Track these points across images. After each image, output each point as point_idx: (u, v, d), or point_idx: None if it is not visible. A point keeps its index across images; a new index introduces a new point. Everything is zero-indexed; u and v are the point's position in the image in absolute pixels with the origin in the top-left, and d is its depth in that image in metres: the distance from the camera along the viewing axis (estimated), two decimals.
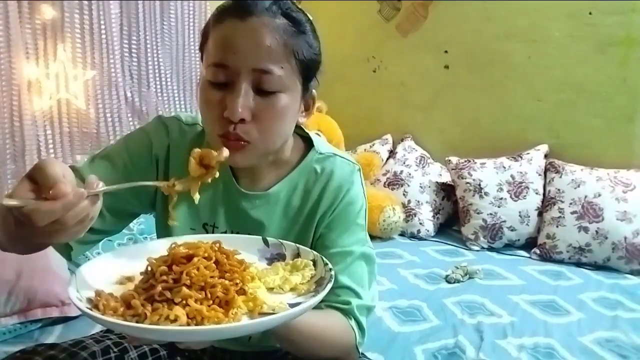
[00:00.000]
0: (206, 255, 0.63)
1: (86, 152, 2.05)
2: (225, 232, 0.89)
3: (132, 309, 0.57)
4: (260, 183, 0.87)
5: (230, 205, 0.88)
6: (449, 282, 1.89)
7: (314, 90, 0.84)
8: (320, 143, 0.91)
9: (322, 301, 0.80)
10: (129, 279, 0.67)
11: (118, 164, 0.84)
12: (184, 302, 0.57)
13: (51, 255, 1.52)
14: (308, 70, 0.79)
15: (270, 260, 0.76)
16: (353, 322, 0.84)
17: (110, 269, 0.68)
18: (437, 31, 2.71)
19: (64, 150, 1.96)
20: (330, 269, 0.69)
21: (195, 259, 0.62)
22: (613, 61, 2.30)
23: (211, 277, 0.61)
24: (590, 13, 2.32)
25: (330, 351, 0.82)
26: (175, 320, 0.56)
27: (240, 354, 0.95)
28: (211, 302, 0.59)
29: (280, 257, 0.77)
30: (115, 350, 0.85)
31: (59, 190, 0.50)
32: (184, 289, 0.58)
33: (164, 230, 0.90)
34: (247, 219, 0.87)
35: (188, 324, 0.56)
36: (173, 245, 0.65)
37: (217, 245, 0.67)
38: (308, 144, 0.90)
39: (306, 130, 0.92)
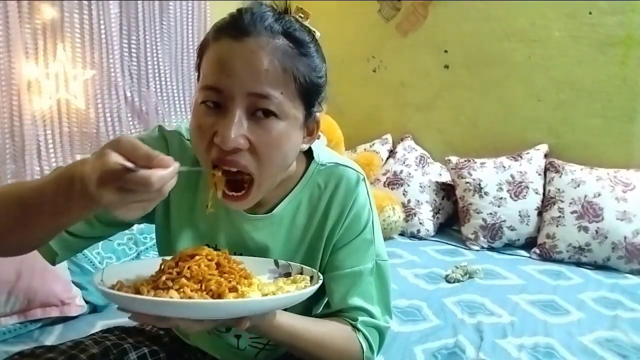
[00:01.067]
0: (209, 257, 0.71)
1: (86, 152, 2.05)
2: (227, 253, 0.88)
3: (139, 294, 0.66)
4: (263, 204, 0.82)
5: (232, 229, 0.84)
6: (448, 282, 1.89)
7: (317, 114, 0.78)
8: (321, 152, 0.86)
9: (330, 317, 0.84)
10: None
11: None
12: (182, 290, 0.65)
13: None
14: (310, 95, 0.73)
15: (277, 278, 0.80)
16: (360, 336, 0.82)
17: (133, 271, 0.76)
18: (437, 31, 2.71)
19: (63, 150, 1.96)
20: (320, 278, 0.75)
21: (198, 257, 0.70)
22: (613, 61, 2.30)
23: (210, 274, 0.68)
24: (590, 13, 2.32)
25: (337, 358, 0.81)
26: None
27: None
28: (204, 292, 0.66)
29: (287, 276, 0.80)
30: (115, 351, 0.84)
31: (165, 159, 0.53)
32: (183, 279, 0.66)
33: (166, 246, 0.88)
34: (250, 243, 0.84)
35: None
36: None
37: (224, 254, 0.73)
38: (309, 155, 0.85)
39: None
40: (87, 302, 1.56)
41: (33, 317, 1.45)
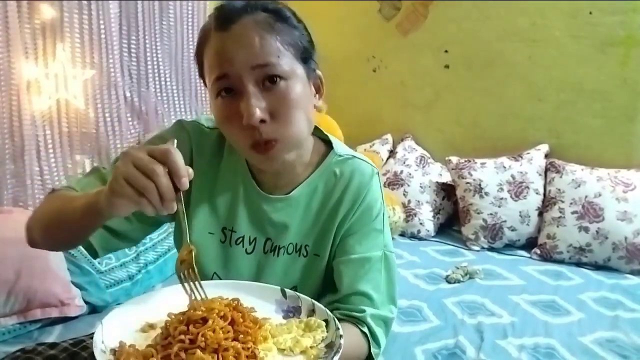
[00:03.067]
0: (221, 314, 0.65)
1: (85, 152, 2.05)
2: (243, 237, 0.88)
3: None
4: (281, 186, 0.87)
5: (252, 209, 0.87)
6: (449, 282, 1.89)
7: (318, 71, 0.84)
8: (339, 145, 0.91)
9: (337, 309, 0.82)
10: (152, 326, 0.70)
11: None
12: None
13: (51, 255, 1.52)
14: (302, 51, 0.79)
15: (286, 313, 0.77)
16: (366, 330, 0.83)
17: (135, 316, 0.71)
18: (437, 31, 2.71)
19: (63, 150, 1.96)
20: (341, 336, 0.69)
21: (211, 322, 0.64)
22: (613, 61, 2.30)
23: (225, 339, 0.63)
24: (590, 13, 2.32)
25: None
26: None
27: None
28: None
29: (296, 310, 0.77)
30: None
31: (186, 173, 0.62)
32: (198, 351, 0.60)
33: (180, 236, 0.88)
34: (269, 222, 0.87)
35: None
36: (193, 300, 0.69)
37: (235, 303, 0.69)
38: (327, 146, 0.91)
39: (325, 133, 0.92)
40: (86, 302, 1.56)
41: (33, 318, 1.45)
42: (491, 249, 2.32)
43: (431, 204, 2.53)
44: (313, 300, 0.77)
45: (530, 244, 2.30)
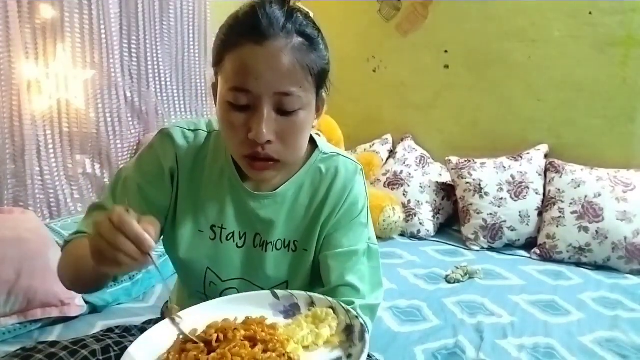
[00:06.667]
0: (242, 333, 0.65)
1: (86, 152, 2.05)
2: (234, 232, 0.90)
3: None
4: (268, 184, 0.89)
5: (239, 206, 0.90)
6: (449, 282, 1.89)
7: (324, 95, 0.87)
8: (323, 143, 0.95)
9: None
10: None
11: (132, 188, 0.88)
12: None
13: (51, 255, 1.52)
14: (321, 80, 0.82)
15: (286, 314, 0.77)
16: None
17: (148, 352, 0.68)
18: (437, 31, 2.71)
19: (63, 151, 1.96)
20: (357, 317, 0.70)
21: (231, 338, 0.64)
22: (613, 61, 2.30)
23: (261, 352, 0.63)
24: (590, 13, 2.32)
25: None
26: None
27: None
28: None
29: (295, 307, 0.77)
30: (116, 349, 0.85)
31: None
32: None
33: (170, 239, 0.92)
34: (256, 218, 0.89)
35: None
36: (206, 328, 0.67)
37: (245, 318, 0.69)
38: (312, 144, 0.93)
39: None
40: (87, 302, 1.56)
41: (33, 318, 1.45)
42: (491, 249, 2.32)
43: (431, 204, 2.53)
44: (308, 293, 0.78)
45: (530, 244, 2.30)
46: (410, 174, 2.59)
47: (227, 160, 0.89)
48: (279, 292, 0.79)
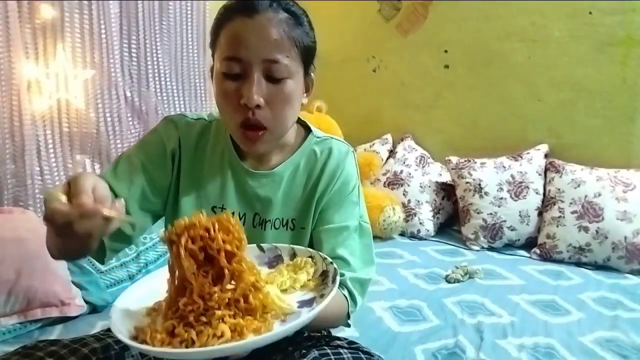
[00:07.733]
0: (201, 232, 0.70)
1: (86, 152, 2.05)
2: (233, 213, 0.91)
3: (177, 336, 0.63)
4: (266, 164, 0.96)
5: (239, 185, 0.95)
6: (449, 282, 1.89)
7: (312, 74, 0.93)
8: (317, 130, 1.02)
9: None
10: (155, 310, 0.72)
11: (136, 164, 0.92)
12: (221, 320, 0.64)
13: None
14: (307, 56, 0.88)
15: (270, 264, 0.83)
16: (346, 292, 0.91)
17: (137, 304, 0.73)
18: (437, 31, 2.71)
19: (63, 151, 1.96)
20: (331, 262, 0.76)
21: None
22: (613, 61, 2.30)
23: (233, 290, 0.67)
24: (590, 13, 2.32)
25: (326, 323, 0.94)
26: (222, 336, 0.62)
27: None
28: (240, 313, 0.66)
29: (278, 258, 0.83)
30: (116, 347, 0.85)
31: (79, 200, 0.59)
32: (217, 311, 0.65)
33: (172, 221, 0.91)
34: (255, 197, 0.95)
35: (232, 337, 0.63)
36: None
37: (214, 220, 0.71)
38: (307, 130, 1.01)
39: (304, 120, 1.01)
40: (86, 302, 1.56)
41: (33, 317, 1.45)
42: (491, 249, 2.32)
43: (431, 204, 2.53)
44: (291, 245, 0.85)
45: (530, 244, 2.30)
46: (410, 174, 2.59)
47: (227, 143, 0.95)
48: (264, 245, 0.86)
